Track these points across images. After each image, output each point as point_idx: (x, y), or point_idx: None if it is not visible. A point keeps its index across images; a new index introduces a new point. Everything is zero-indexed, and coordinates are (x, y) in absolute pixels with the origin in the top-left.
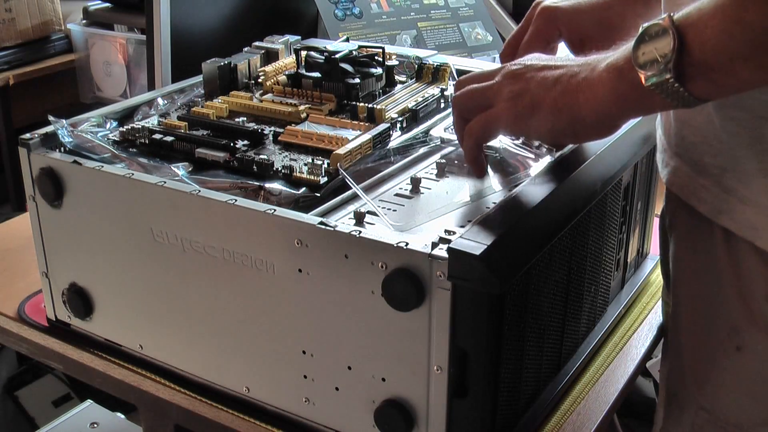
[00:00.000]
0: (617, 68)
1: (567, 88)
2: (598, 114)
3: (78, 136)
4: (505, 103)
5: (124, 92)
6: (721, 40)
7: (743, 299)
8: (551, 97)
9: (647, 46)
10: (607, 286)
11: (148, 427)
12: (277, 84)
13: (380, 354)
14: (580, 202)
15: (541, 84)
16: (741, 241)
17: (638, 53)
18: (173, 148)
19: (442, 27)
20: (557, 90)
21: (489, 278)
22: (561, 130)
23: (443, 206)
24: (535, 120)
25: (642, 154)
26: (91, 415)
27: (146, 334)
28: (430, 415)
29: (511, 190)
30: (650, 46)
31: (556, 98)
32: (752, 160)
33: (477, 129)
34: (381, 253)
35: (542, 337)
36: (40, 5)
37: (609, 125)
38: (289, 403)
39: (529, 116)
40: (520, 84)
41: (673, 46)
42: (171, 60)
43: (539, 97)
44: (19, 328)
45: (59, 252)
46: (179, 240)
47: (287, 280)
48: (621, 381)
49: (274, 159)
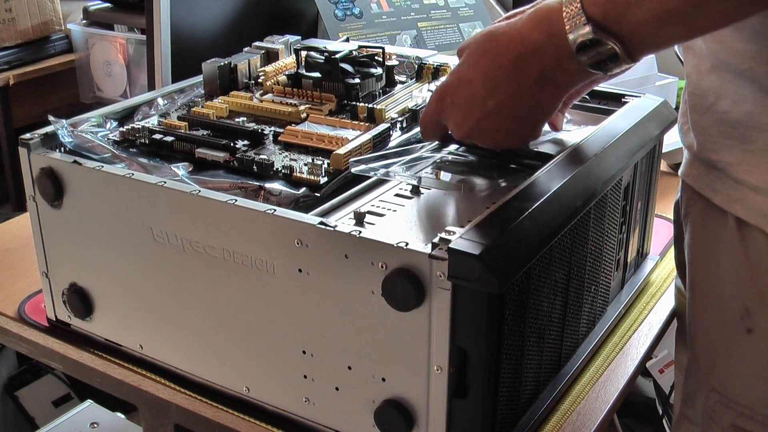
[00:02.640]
0: (573, 72)
1: (522, 114)
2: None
3: (78, 136)
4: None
5: (124, 92)
6: (653, 28)
7: (754, 283)
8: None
9: (589, 53)
10: (607, 286)
11: (148, 427)
12: (277, 84)
13: (380, 354)
14: (580, 202)
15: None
16: (753, 228)
17: (583, 59)
18: (173, 149)
19: (442, 27)
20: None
21: (489, 278)
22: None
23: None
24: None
25: (642, 154)
26: (91, 415)
27: (146, 334)
28: (430, 415)
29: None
30: (592, 52)
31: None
32: (764, 152)
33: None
34: (381, 253)
35: (542, 337)
36: (40, 5)
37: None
38: (289, 403)
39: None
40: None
41: (615, 47)
42: (171, 60)
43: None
44: (19, 328)
45: (59, 252)
46: (179, 240)
47: (287, 280)
48: (621, 381)
49: (274, 159)
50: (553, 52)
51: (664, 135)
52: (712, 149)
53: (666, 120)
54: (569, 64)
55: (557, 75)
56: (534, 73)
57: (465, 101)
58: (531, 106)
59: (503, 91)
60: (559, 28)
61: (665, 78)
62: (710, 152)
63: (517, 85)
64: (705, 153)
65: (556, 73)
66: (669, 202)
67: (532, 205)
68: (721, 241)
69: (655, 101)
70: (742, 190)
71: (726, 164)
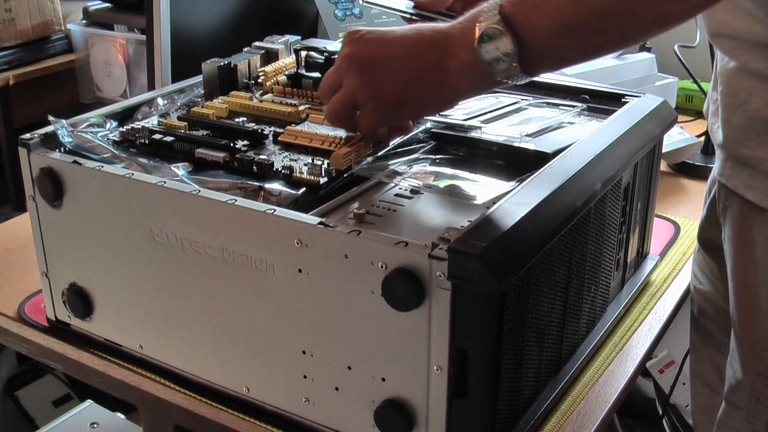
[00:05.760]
0: (468, 66)
1: (418, 87)
2: (448, 102)
3: (78, 136)
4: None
5: (124, 92)
6: (552, 38)
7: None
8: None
9: (488, 45)
10: (607, 286)
11: (148, 427)
12: (276, 84)
13: (380, 354)
14: (580, 202)
15: (388, 81)
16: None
17: (482, 51)
18: (173, 149)
19: None
20: (408, 92)
21: (488, 278)
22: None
23: None
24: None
25: (642, 154)
26: (91, 415)
27: (146, 334)
28: (430, 415)
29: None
30: (491, 45)
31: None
32: None
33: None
34: (381, 253)
35: (542, 337)
36: (40, 5)
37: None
38: (289, 403)
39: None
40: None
41: (512, 44)
42: (171, 60)
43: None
44: (19, 328)
45: (59, 252)
46: (179, 240)
47: (287, 280)
48: (621, 381)
49: (274, 159)
50: (461, 37)
51: (664, 135)
52: (746, 146)
53: (666, 120)
54: (466, 55)
55: (452, 64)
56: (436, 53)
57: (375, 38)
58: (418, 82)
59: (408, 49)
60: (475, 17)
61: (665, 78)
62: (743, 149)
63: (420, 54)
64: (737, 150)
65: (452, 61)
66: (669, 202)
67: (532, 205)
68: (760, 234)
69: (655, 101)
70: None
71: (760, 160)
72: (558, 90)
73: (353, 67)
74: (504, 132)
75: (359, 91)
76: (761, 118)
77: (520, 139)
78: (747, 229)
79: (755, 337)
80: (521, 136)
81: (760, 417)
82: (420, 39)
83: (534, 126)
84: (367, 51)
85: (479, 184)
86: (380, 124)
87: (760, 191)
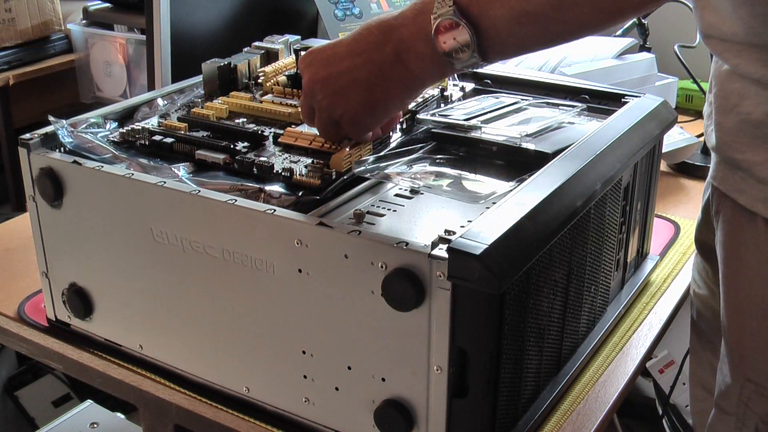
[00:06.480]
0: (426, 56)
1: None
2: (414, 91)
3: (78, 136)
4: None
5: (124, 92)
6: (510, 26)
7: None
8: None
9: (445, 36)
10: (607, 286)
11: (148, 427)
12: (276, 84)
13: (380, 354)
14: (580, 202)
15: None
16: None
17: (440, 43)
18: (173, 150)
19: None
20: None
21: (488, 278)
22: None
23: None
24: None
25: (642, 154)
26: (91, 415)
27: (146, 334)
28: (430, 415)
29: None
30: (448, 36)
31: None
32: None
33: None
34: (381, 253)
35: (542, 337)
36: (40, 5)
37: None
38: (289, 403)
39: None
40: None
41: (470, 34)
42: (171, 60)
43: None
44: (19, 328)
45: (59, 252)
46: (179, 240)
47: (287, 280)
48: (621, 381)
49: (274, 161)
50: (415, 29)
51: (664, 135)
52: (737, 149)
53: (666, 120)
54: (424, 48)
55: (410, 57)
56: (391, 47)
57: (326, 57)
58: (381, 81)
59: (360, 55)
60: (429, 8)
61: (665, 78)
62: (735, 152)
63: (374, 54)
64: (730, 153)
65: (409, 54)
66: (669, 202)
67: (532, 205)
68: (750, 238)
69: (655, 101)
70: (766, 189)
71: (750, 164)
72: (558, 90)
73: (317, 90)
74: (504, 132)
75: (331, 109)
76: (752, 121)
77: (520, 139)
78: (737, 232)
79: (743, 342)
80: (521, 136)
81: (749, 423)
82: (369, 38)
83: (534, 126)
84: (323, 71)
85: (479, 184)
86: (365, 130)
87: (750, 195)
